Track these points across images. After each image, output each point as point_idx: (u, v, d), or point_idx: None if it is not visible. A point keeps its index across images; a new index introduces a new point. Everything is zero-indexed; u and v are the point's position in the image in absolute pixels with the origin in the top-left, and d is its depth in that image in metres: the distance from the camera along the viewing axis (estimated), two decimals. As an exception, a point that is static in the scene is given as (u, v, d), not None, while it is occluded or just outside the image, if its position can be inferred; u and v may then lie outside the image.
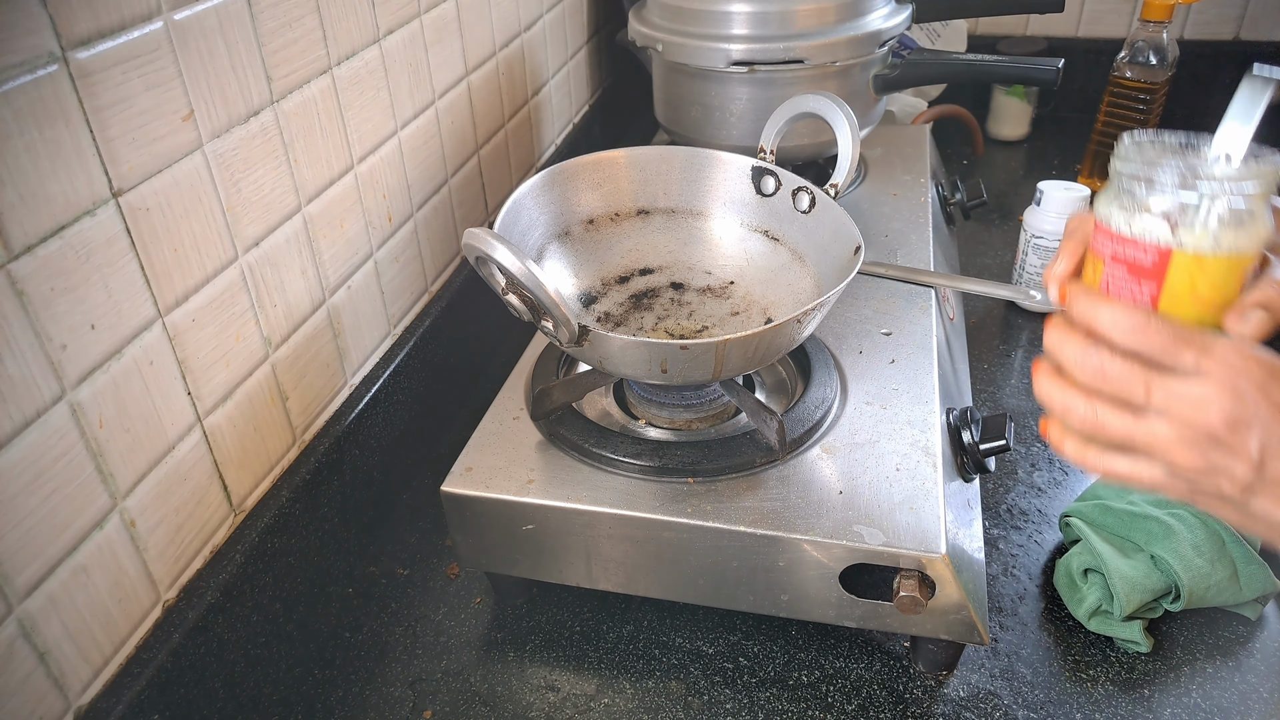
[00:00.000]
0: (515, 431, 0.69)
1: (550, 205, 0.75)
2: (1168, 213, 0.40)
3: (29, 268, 0.44)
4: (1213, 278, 0.40)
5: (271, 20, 0.60)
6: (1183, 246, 0.40)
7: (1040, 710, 0.61)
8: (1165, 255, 0.40)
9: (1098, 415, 0.43)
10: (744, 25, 0.92)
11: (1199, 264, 0.40)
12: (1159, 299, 0.41)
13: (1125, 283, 0.42)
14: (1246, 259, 0.40)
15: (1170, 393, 0.40)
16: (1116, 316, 0.42)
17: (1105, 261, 0.43)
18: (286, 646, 0.65)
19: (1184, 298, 0.41)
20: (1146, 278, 0.41)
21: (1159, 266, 0.41)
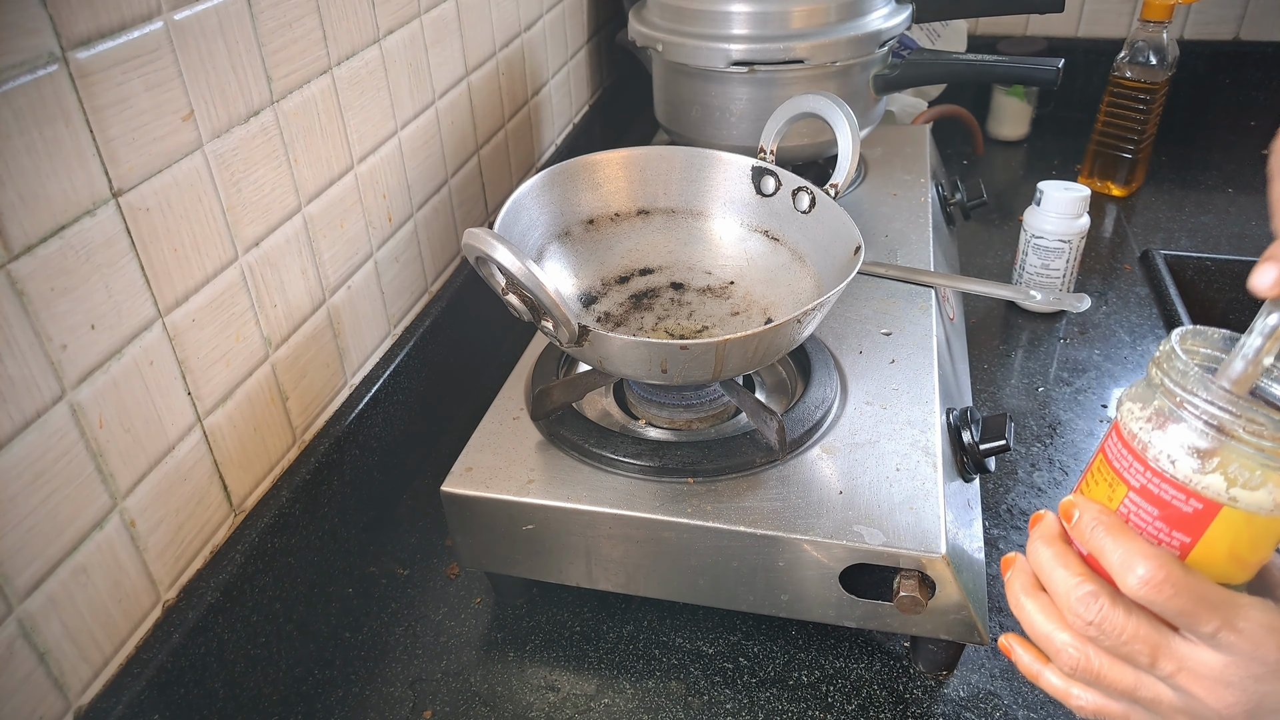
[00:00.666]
0: (515, 431, 0.69)
1: (550, 205, 0.75)
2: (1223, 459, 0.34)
3: (29, 268, 0.44)
4: (1258, 538, 0.35)
5: (271, 20, 0.60)
6: (1235, 503, 0.34)
7: (1040, 710, 0.61)
8: (1212, 510, 0.34)
9: (1092, 664, 0.37)
10: (744, 25, 0.92)
11: (1249, 523, 0.34)
12: (1189, 552, 0.35)
13: (1151, 523, 0.36)
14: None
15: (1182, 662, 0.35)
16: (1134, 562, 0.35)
17: (1130, 489, 0.36)
18: (286, 646, 0.65)
19: (1219, 556, 0.35)
20: (1181, 527, 0.35)
21: (1200, 519, 0.34)
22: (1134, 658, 0.36)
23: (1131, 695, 0.37)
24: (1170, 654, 0.35)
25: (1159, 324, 0.99)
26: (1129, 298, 1.04)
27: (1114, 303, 1.03)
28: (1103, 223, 1.20)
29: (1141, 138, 1.20)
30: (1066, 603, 0.37)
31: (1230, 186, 1.27)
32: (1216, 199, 1.24)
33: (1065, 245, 0.97)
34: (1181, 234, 1.15)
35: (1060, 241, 0.97)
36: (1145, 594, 0.35)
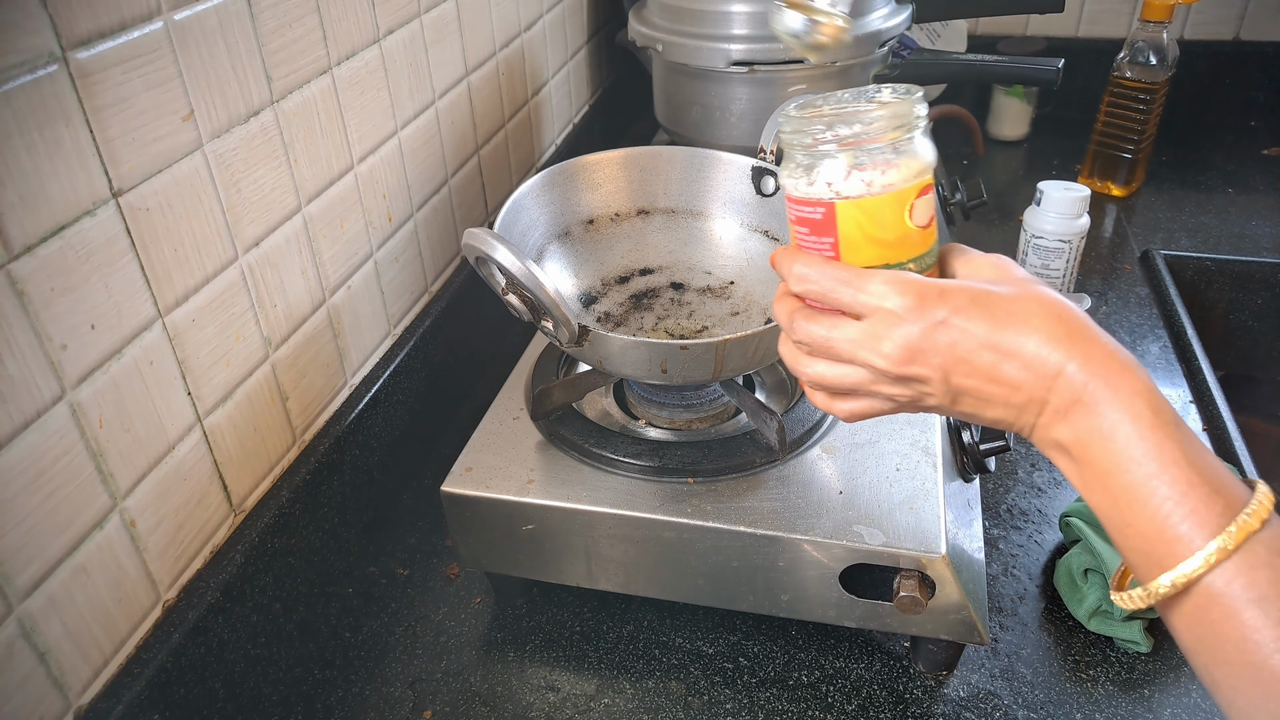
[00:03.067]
0: (515, 431, 0.69)
1: (550, 205, 0.75)
2: (820, 168, 0.43)
3: (29, 268, 0.44)
4: (878, 217, 0.43)
5: (271, 20, 0.60)
6: (841, 195, 0.43)
7: (1040, 710, 0.61)
8: (830, 208, 0.43)
9: (813, 369, 0.46)
10: (744, 25, 0.92)
11: (860, 208, 0.43)
12: (839, 250, 0.44)
13: (810, 240, 0.45)
14: (906, 191, 0.43)
15: (846, 340, 0.43)
16: (785, 269, 0.45)
17: (792, 224, 0.46)
18: (286, 646, 0.65)
19: (859, 243, 0.43)
20: (824, 233, 0.44)
21: (829, 219, 0.43)
22: (828, 351, 0.44)
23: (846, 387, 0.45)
24: (842, 336, 0.43)
25: (1159, 324, 0.99)
26: (1129, 298, 1.04)
27: (1114, 303, 1.03)
28: (1103, 223, 1.20)
29: (1141, 138, 1.20)
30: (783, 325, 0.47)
31: (1230, 186, 1.27)
32: (1216, 199, 1.24)
33: (1065, 245, 0.97)
34: (1181, 234, 1.15)
35: (1060, 241, 0.97)
36: (798, 288, 0.45)
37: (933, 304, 0.41)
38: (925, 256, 0.45)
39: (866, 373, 0.43)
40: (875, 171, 0.42)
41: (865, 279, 0.42)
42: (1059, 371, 0.39)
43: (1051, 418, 0.40)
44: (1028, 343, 0.40)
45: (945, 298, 0.41)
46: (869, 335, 0.42)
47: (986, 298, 0.41)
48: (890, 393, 0.44)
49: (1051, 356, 0.39)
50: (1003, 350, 0.40)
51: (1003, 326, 0.40)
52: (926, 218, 0.44)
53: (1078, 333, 0.40)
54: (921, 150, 0.43)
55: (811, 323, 0.44)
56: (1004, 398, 0.41)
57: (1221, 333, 1.11)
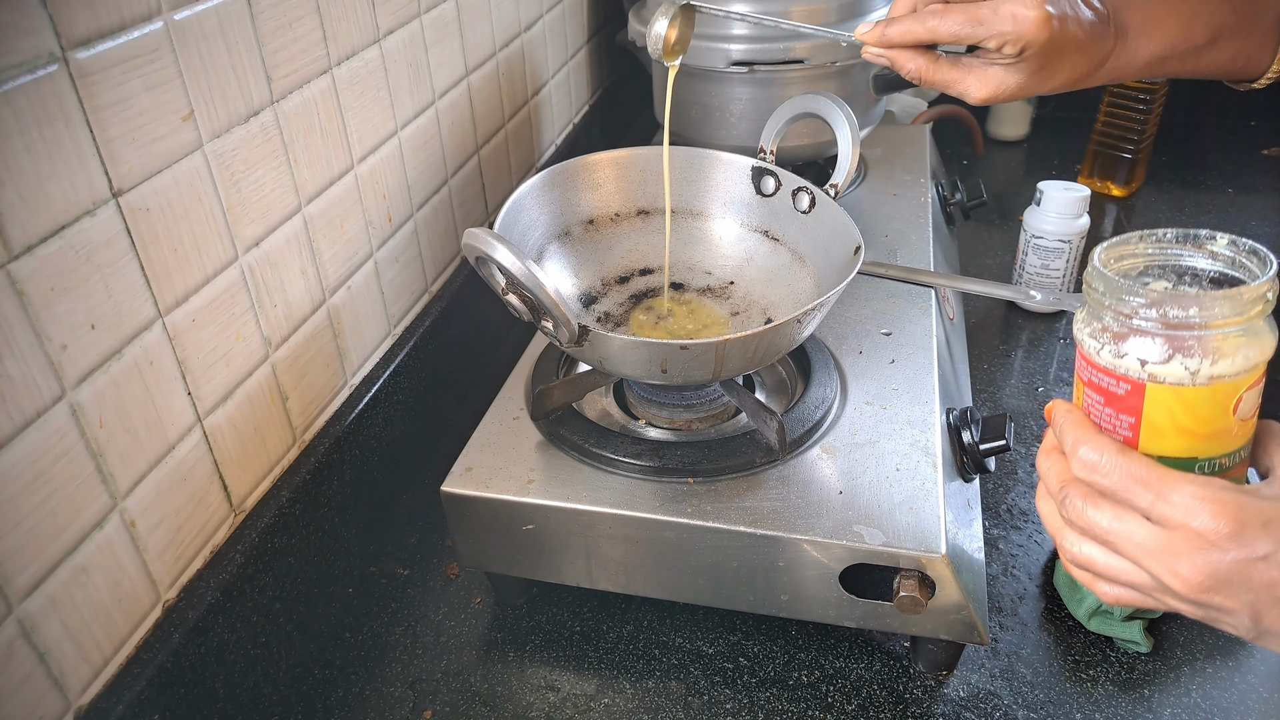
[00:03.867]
0: (515, 431, 0.69)
1: (550, 205, 0.75)
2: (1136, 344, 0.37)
3: (29, 268, 0.44)
4: (1196, 410, 0.37)
5: (271, 20, 0.60)
6: (1155, 379, 0.37)
7: (1040, 710, 0.61)
8: (1139, 388, 0.37)
9: (1082, 550, 0.40)
10: (744, 25, 0.91)
11: (1177, 397, 0.37)
12: (1139, 433, 0.38)
13: (1104, 413, 0.39)
14: (1236, 385, 0.37)
15: (1133, 542, 0.38)
16: (1073, 446, 0.39)
17: (1085, 385, 0.40)
18: (286, 646, 0.65)
19: (1166, 432, 0.38)
20: (1124, 411, 0.38)
21: (1134, 399, 0.38)
22: (1107, 543, 0.39)
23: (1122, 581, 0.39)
24: (1126, 536, 0.38)
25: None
26: (1129, 298, 1.04)
27: (1114, 303, 1.03)
28: (1103, 223, 1.20)
29: (1141, 138, 1.20)
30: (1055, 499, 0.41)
31: (1230, 186, 1.27)
32: (1216, 199, 1.24)
33: (1065, 245, 0.97)
34: (1181, 234, 1.15)
35: (1060, 241, 0.97)
36: (1085, 474, 0.39)
37: (1254, 536, 0.35)
38: (1241, 450, 0.39)
39: (1150, 580, 0.38)
40: (1205, 361, 0.36)
41: (1169, 485, 0.36)
42: None
43: None
44: None
45: (1270, 530, 0.35)
46: (1164, 548, 0.36)
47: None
48: (1176, 606, 0.38)
49: None
50: None
51: None
52: (1252, 410, 0.38)
53: None
54: (1265, 338, 0.37)
55: (1093, 507, 0.39)
56: None
57: (1221, 333, 1.11)
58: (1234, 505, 0.35)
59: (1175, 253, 0.39)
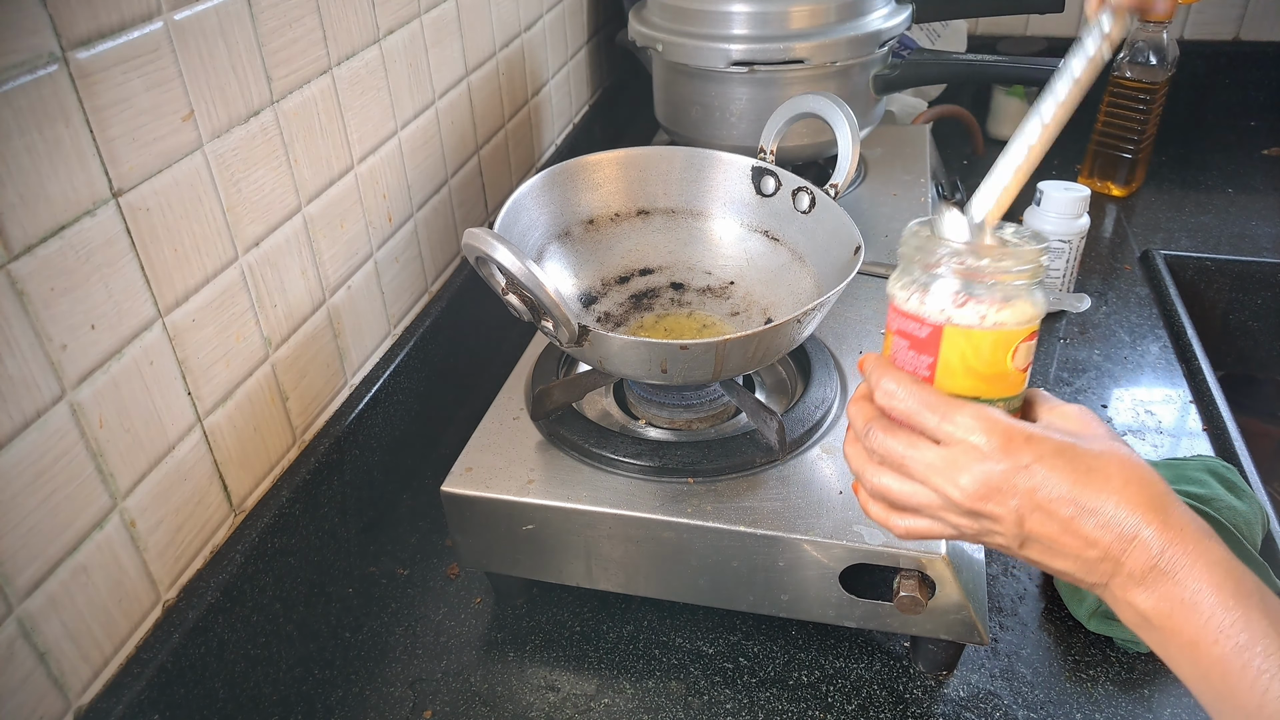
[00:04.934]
0: (515, 431, 0.69)
1: (550, 205, 0.75)
2: (937, 289, 0.43)
3: (29, 268, 0.44)
4: (981, 351, 0.43)
5: (271, 20, 0.60)
6: (951, 321, 0.43)
7: (1040, 710, 0.61)
8: (937, 330, 0.43)
9: (880, 480, 0.46)
10: (744, 25, 0.92)
11: (967, 338, 0.43)
12: (935, 371, 0.44)
13: (907, 355, 0.45)
14: (1014, 334, 0.43)
15: (922, 462, 0.43)
16: (878, 380, 0.45)
17: (892, 334, 0.46)
18: (286, 646, 0.65)
19: (956, 371, 0.44)
20: (924, 351, 0.44)
21: (933, 340, 0.44)
22: (900, 468, 0.44)
23: (912, 505, 0.45)
24: (920, 458, 0.43)
25: (1159, 324, 0.99)
26: (1129, 298, 1.04)
27: (1114, 303, 1.03)
28: (1103, 223, 1.20)
29: (1141, 138, 1.20)
30: (858, 431, 0.47)
31: (1230, 186, 1.27)
32: (1216, 199, 1.24)
33: (1065, 245, 0.97)
34: (1181, 234, 1.15)
35: (1060, 241, 0.97)
36: (884, 401, 0.45)
37: (1019, 448, 0.41)
38: (1015, 399, 0.45)
39: (936, 498, 0.44)
40: (991, 307, 0.43)
41: (954, 409, 0.42)
42: (1135, 534, 0.40)
43: (1126, 581, 0.40)
44: (1107, 502, 0.40)
45: (1031, 444, 0.41)
46: (948, 463, 0.42)
47: (1071, 451, 0.41)
48: (956, 521, 0.44)
49: (1129, 519, 0.40)
50: (1082, 505, 0.40)
51: (1084, 482, 0.40)
52: (1026, 362, 0.44)
53: (1157, 499, 0.40)
54: (1037, 299, 0.44)
55: (890, 436, 0.45)
56: (1076, 551, 0.41)
57: (1221, 333, 1.11)
58: (1003, 424, 0.42)
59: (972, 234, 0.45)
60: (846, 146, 0.72)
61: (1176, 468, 0.72)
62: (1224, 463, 0.73)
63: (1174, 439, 0.83)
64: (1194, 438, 0.83)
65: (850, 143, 0.72)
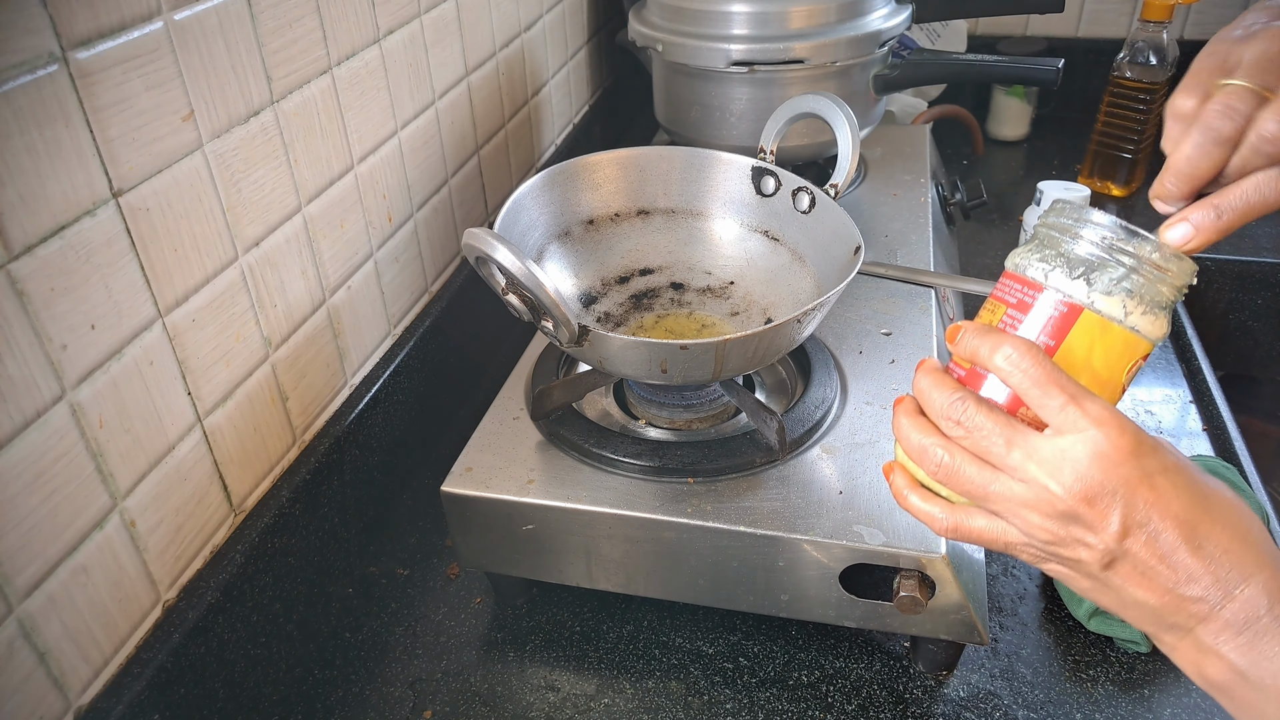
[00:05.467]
0: (515, 431, 0.69)
1: (550, 205, 0.75)
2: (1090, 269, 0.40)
3: (29, 268, 0.44)
4: (1110, 350, 0.40)
5: (271, 20, 0.60)
6: (1093, 306, 0.40)
7: (1040, 710, 0.61)
8: (1075, 311, 0.40)
9: (954, 461, 0.40)
10: (744, 25, 0.92)
11: (1103, 330, 0.40)
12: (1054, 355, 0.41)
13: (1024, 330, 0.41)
14: (1143, 345, 0.40)
15: (1030, 449, 0.38)
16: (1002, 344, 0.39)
17: (1008, 307, 0.42)
18: (286, 646, 0.65)
19: (1077, 363, 0.40)
20: (1048, 332, 0.41)
21: (1066, 321, 0.40)
22: (991, 450, 0.39)
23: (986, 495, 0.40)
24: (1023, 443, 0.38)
25: (1159, 324, 0.99)
26: (1129, 298, 1.04)
27: (1114, 303, 1.03)
28: (1103, 223, 1.19)
29: (1141, 138, 1.20)
30: (938, 411, 0.41)
31: (1230, 186, 1.27)
32: (1216, 199, 1.24)
33: (1065, 245, 0.97)
34: (1181, 234, 1.15)
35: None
36: (1007, 366, 0.39)
37: (1147, 453, 0.37)
38: None
39: (1024, 492, 0.39)
40: (1138, 307, 0.39)
41: (1086, 393, 0.38)
42: (1245, 580, 0.36)
43: (1221, 629, 0.36)
44: (1222, 536, 0.36)
45: (1158, 454, 0.37)
46: (1059, 454, 0.37)
47: (1190, 473, 0.38)
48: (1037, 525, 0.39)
49: (1242, 561, 0.36)
50: (1196, 533, 0.36)
51: (1204, 508, 0.37)
52: (1127, 384, 0.42)
53: (1268, 546, 0.37)
54: (1166, 326, 0.41)
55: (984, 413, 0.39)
56: (1171, 584, 0.37)
57: (1221, 333, 1.11)
58: (1135, 425, 0.38)
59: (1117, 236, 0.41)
60: (846, 146, 0.72)
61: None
62: (1224, 463, 0.73)
63: (1174, 439, 0.83)
64: (1194, 438, 0.83)
65: (850, 143, 0.72)
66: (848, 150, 0.72)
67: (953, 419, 0.40)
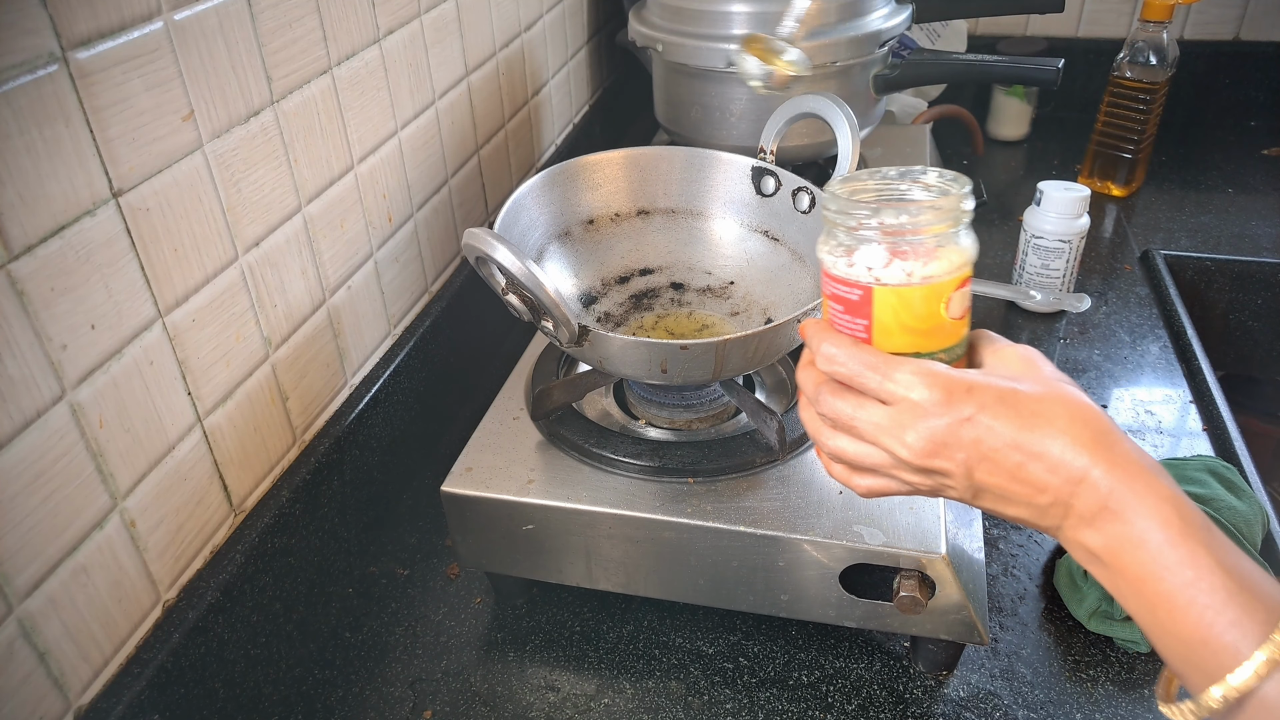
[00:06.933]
0: (515, 431, 0.69)
1: (550, 205, 0.75)
2: (853, 249, 0.43)
3: (29, 268, 0.44)
4: (914, 307, 0.43)
5: (271, 20, 0.60)
6: (880, 282, 0.42)
7: (1040, 710, 0.61)
8: (868, 292, 0.43)
9: (835, 443, 0.46)
10: (744, 25, 0.92)
11: (898, 296, 0.42)
12: (871, 332, 0.44)
13: (843, 319, 0.45)
14: (945, 284, 0.42)
15: (870, 422, 0.43)
16: (817, 345, 0.45)
17: (826, 299, 0.46)
18: (286, 646, 0.65)
19: (892, 329, 0.43)
20: (857, 314, 0.44)
21: (865, 302, 0.43)
22: (851, 430, 0.44)
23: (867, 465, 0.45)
24: (865, 419, 0.43)
25: (1159, 324, 0.99)
26: (1129, 298, 1.04)
27: (1114, 303, 1.03)
28: (1103, 223, 1.20)
29: (1141, 138, 1.20)
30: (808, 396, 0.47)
31: (1230, 186, 1.27)
32: (1216, 199, 1.24)
33: (1065, 245, 0.97)
34: (1181, 234, 1.15)
35: (1060, 241, 0.97)
36: (826, 367, 0.44)
37: (959, 400, 0.41)
38: (956, 347, 0.45)
39: (888, 456, 0.43)
40: (917, 262, 0.42)
41: (893, 367, 0.42)
42: (1083, 476, 0.39)
43: (1077, 523, 0.40)
44: (1053, 445, 0.40)
45: (972, 394, 0.41)
46: (893, 422, 0.42)
47: (1013, 396, 0.41)
48: (910, 479, 0.44)
49: (1076, 460, 0.39)
50: (1027, 451, 0.40)
51: (1028, 427, 0.40)
52: (962, 310, 0.44)
53: (1103, 437, 0.40)
54: (965, 244, 0.43)
55: (838, 398, 0.44)
56: (1027, 498, 0.41)
57: (1221, 333, 1.11)
58: (943, 377, 0.41)
59: (897, 187, 0.44)
60: (846, 146, 0.72)
61: (1177, 467, 0.72)
62: (1224, 463, 0.73)
63: (1174, 439, 0.83)
64: (1194, 438, 0.83)
65: (850, 143, 0.72)
66: (848, 150, 0.72)
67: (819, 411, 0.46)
